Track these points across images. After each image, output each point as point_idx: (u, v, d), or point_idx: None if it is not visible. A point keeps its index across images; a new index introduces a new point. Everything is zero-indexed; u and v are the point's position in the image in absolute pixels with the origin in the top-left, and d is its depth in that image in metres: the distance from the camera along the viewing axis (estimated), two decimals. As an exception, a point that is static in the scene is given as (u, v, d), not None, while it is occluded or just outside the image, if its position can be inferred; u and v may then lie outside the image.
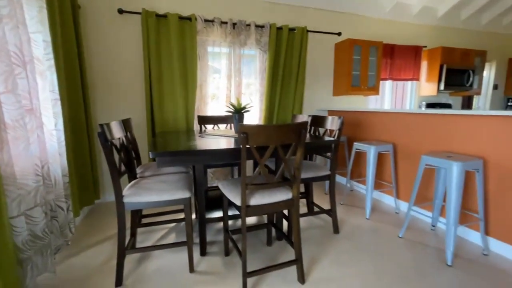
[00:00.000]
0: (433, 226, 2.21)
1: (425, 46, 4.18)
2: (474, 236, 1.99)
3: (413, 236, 2.08)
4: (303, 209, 2.64)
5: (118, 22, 2.71)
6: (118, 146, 1.65)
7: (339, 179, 3.58)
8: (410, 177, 2.50)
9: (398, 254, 1.85)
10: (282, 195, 1.46)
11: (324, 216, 2.49)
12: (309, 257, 1.81)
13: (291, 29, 3.28)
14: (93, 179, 2.59)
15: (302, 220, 2.39)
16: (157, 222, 2.11)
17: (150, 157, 1.34)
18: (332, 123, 2.09)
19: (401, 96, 4.44)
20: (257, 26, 3.12)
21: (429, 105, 4.29)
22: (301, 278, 1.53)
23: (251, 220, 2.40)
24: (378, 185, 2.91)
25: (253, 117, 3.36)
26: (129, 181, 1.76)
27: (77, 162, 2.33)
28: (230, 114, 2.47)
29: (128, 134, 2.17)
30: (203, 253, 1.83)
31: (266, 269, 1.46)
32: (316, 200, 2.91)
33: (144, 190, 1.50)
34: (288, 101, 3.47)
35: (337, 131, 2.01)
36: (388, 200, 2.78)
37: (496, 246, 1.84)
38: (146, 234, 2.17)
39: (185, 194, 1.53)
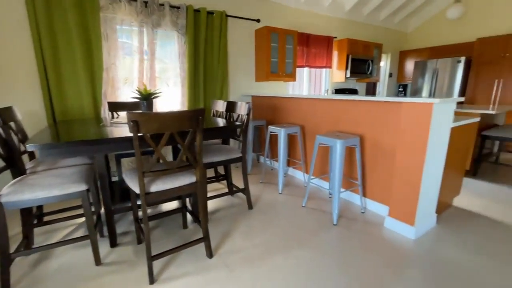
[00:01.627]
0: (330, 194, 2.63)
1: (335, 37, 4.67)
2: (356, 199, 2.45)
3: (314, 204, 2.45)
4: (224, 189, 2.78)
5: (-11, -12, 2.23)
6: (-9, 139, 1.44)
7: (263, 160, 3.86)
8: (318, 152, 2.87)
9: (299, 220, 2.16)
10: (185, 179, 1.53)
11: (242, 195, 2.69)
12: (222, 233, 1.97)
13: (210, 12, 3.24)
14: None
15: (222, 200, 2.54)
16: (61, 219, 1.95)
17: (27, 149, 1.22)
18: (241, 109, 2.22)
19: (318, 81, 4.93)
20: (172, 6, 2.98)
21: (338, 90, 4.89)
22: (209, 254, 1.67)
23: (169, 205, 2.42)
24: (292, 163, 3.26)
25: (175, 103, 3.28)
26: (13, 178, 1.57)
27: None
28: (137, 100, 2.36)
29: (13, 124, 1.89)
30: (113, 244, 1.79)
31: (173, 249, 1.54)
32: (240, 180, 3.10)
33: (28, 186, 1.37)
34: (215, 86, 3.49)
35: (246, 116, 2.15)
36: (299, 175, 3.15)
37: (371, 204, 2.32)
38: (49, 233, 1.98)
39: (80, 187, 1.45)
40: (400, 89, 6.12)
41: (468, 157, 3.07)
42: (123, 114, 2.77)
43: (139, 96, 2.02)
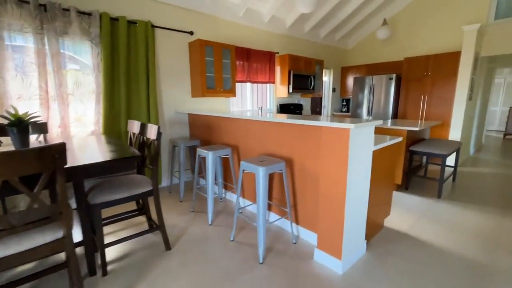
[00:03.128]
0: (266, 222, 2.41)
1: (277, 53, 4.65)
2: (290, 226, 2.27)
3: (244, 237, 2.19)
4: (143, 226, 2.39)
5: None
6: None
7: (202, 183, 3.53)
8: (251, 177, 2.65)
9: (223, 260, 1.87)
10: (45, 236, 1.15)
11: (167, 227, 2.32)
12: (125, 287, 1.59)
13: (132, 22, 2.90)
14: None
15: (135, 241, 2.14)
16: None
17: None
18: (151, 132, 1.91)
19: (264, 97, 4.83)
20: (80, 12, 2.57)
21: (283, 106, 4.85)
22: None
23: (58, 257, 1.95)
24: (229, 187, 3.00)
25: (88, 124, 2.81)
26: None
27: None
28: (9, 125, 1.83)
29: None
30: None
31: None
32: (169, 209, 2.72)
33: None
34: (141, 103, 3.10)
35: (155, 142, 1.84)
36: (235, 199, 2.89)
37: (304, 233, 2.15)
38: None
39: None
40: (343, 103, 6.38)
41: (398, 172, 3.15)
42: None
43: (10, 120, 1.57)
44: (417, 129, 2.90)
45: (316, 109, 6.82)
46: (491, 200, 2.97)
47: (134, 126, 2.27)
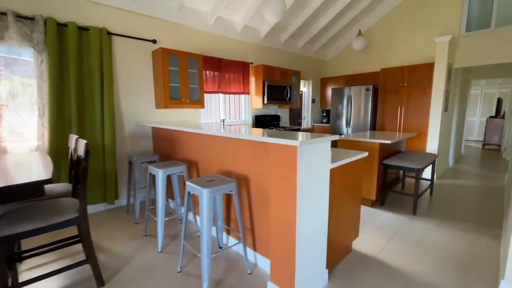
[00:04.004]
0: (220, 248, 2.16)
1: (252, 63, 4.52)
2: (248, 252, 2.03)
3: (193, 267, 1.93)
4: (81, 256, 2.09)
5: None
6: None
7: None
8: (209, 196, 2.41)
9: (161, 298, 1.61)
10: None
11: (106, 258, 2.03)
12: None
13: (83, 28, 2.68)
14: None
15: (66, 276, 1.84)
16: None
17: None
18: (80, 148, 1.66)
19: (239, 108, 4.65)
20: (21, 17, 2.34)
21: (258, 117, 4.67)
22: None
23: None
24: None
25: (29, 138, 2.52)
26: None
27: None
28: None
29: None
30: None
31: None
32: (120, 232, 2.43)
33: None
34: (95, 116, 2.84)
35: (83, 161, 1.59)
36: (197, 220, 2.64)
37: (262, 261, 1.92)
38: None
39: None
40: (323, 114, 6.28)
41: (372, 187, 2.98)
42: None
43: None
44: (389, 142, 2.76)
45: (298, 120, 6.71)
46: (468, 215, 2.83)
47: (72, 141, 2.02)
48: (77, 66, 2.65)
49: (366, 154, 2.06)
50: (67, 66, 2.63)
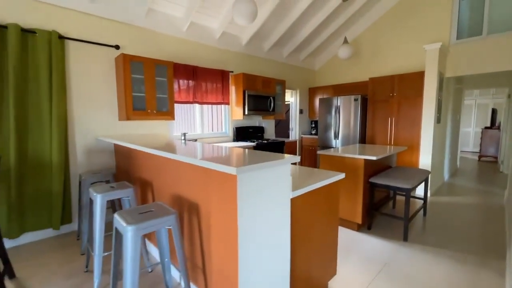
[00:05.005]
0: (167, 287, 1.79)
1: (232, 71, 4.24)
2: (199, 299, 1.66)
3: (129, 318, 1.55)
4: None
5: None
6: None
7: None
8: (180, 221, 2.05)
9: None
10: None
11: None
12: None
13: (29, 31, 2.38)
14: None
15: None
16: None
17: None
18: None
19: (220, 119, 4.34)
20: None
21: (240, 129, 4.36)
22: None
23: None
24: (145, 236, 2.37)
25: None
26: None
27: None
28: None
29: None
30: None
31: None
32: (60, 265, 2.04)
33: None
34: (42, 126, 2.51)
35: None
36: (155, 251, 2.26)
37: (214, 310, 1.54)
38: None
39: None
40: (312, 126, 5.99)
41: (358, 209, 2.64)
42: None
43: None
44: (374, 158, 2.44)
45: (287, 132, 6.40)
46: (466, 242, 2.48)
47: None
48: (18, 74, 2.33)
49: (342, 175, 1.72)
50: (6, 73, 2.30)
